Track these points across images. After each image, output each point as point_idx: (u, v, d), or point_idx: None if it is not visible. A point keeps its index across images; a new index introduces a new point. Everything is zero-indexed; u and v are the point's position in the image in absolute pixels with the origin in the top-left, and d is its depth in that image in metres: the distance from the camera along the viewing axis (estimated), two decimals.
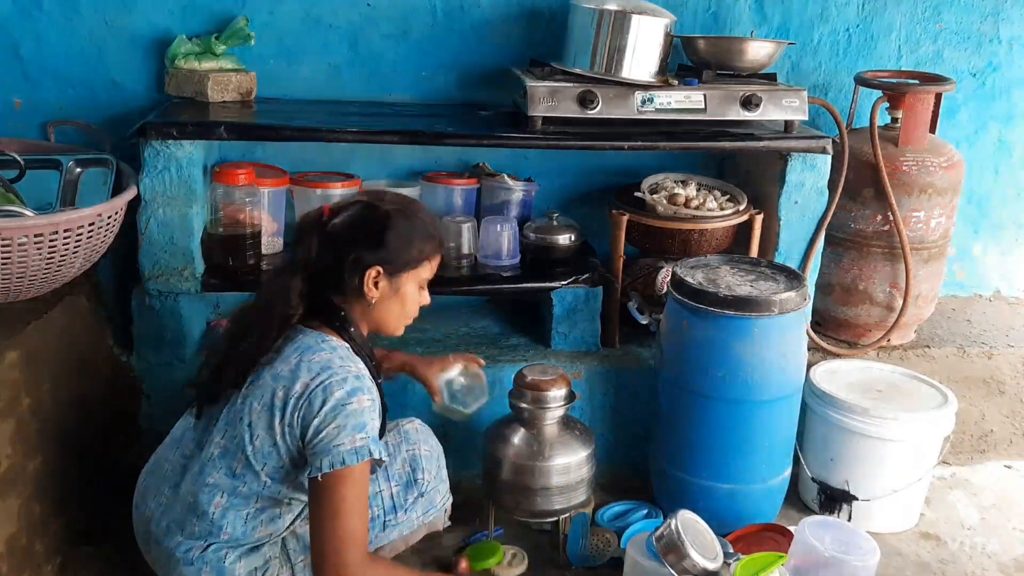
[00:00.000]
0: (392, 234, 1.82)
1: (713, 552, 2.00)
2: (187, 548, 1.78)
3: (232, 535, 1.78)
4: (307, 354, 1.76)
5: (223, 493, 1.78)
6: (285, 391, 1.73)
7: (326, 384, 1.72)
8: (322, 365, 1.74)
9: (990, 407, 2.91)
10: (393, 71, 2.86)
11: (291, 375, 1.74)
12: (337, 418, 1.70)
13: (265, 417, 1.75)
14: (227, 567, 1.78)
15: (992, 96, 3.17)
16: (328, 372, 1.73)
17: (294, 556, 1.87)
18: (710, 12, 2.92)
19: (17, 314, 2.13)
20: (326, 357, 1.76)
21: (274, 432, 1.74)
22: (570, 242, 2.75)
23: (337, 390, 1.72)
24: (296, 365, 1.75)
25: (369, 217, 1.83)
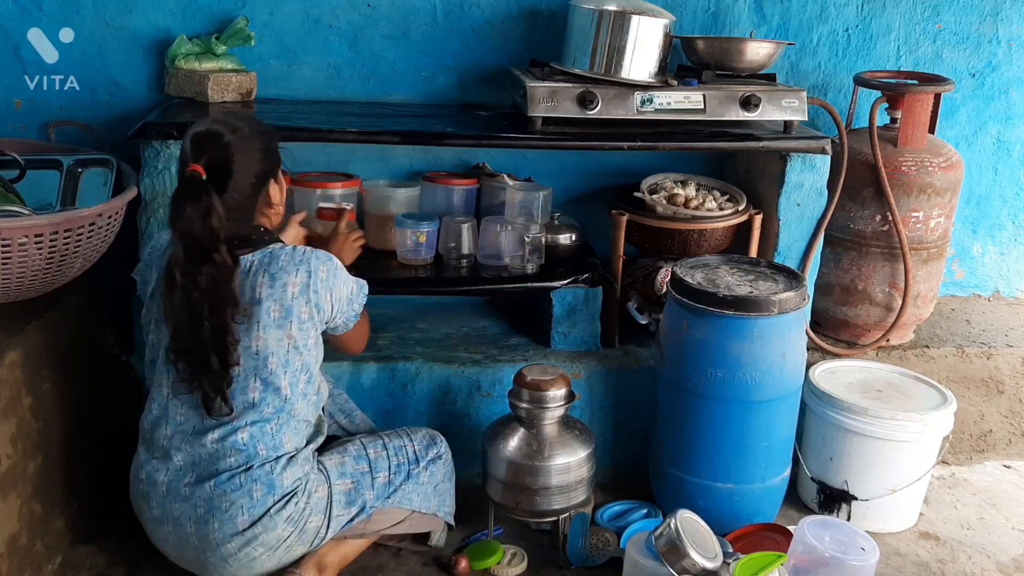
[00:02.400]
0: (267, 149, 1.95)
1: (712, 552, 2.00)
2: (228, 477, 1.87)
3: (267, 449, 1.90)
4: (270, 267, 1.91)
5: (248, 424, 1.89)
6: (280, 302, 1.90)
7: (313, 269, 1.93)
8: (292, 261, 1.92)
9: (989, 407, 2.92)
10: (393, 71, 2.86)
11: (276, 286, 1.89)
12: (337, 281, 1.98)
13: (274, 334, 1.90)
14: (275, 478, 1.89)
15: (991, 96, 3.17)
16: (302, 262, 1.93)
17: (333, 477, 2.00)
18: (709, 12, 2.92)
19: (17, 314, 2.14)
20: (286, 257, 1.93)
21: (287, 339, 1.91)
22: (570, 242, 2.75)
23: (323, 266, 1.95)
24: (270, 280, 1.89)
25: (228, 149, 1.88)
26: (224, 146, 1.87)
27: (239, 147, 1.88)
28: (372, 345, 2.66)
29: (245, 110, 2.05)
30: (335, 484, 2.01)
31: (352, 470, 2.05)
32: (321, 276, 1.94)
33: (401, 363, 2.57)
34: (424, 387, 2.57)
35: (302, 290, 1.91)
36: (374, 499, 2.06)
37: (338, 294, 1.98)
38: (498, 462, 2.28)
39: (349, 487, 2.03)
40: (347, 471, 2.04)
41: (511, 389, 2.31)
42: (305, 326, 1.93)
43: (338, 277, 1.99)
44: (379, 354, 2.60)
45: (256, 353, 1.89)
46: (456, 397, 2.59)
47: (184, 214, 1.79)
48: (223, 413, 1.88)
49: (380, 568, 2.24)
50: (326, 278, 1.95)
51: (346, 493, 2.02)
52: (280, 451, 1.92)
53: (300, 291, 1.91)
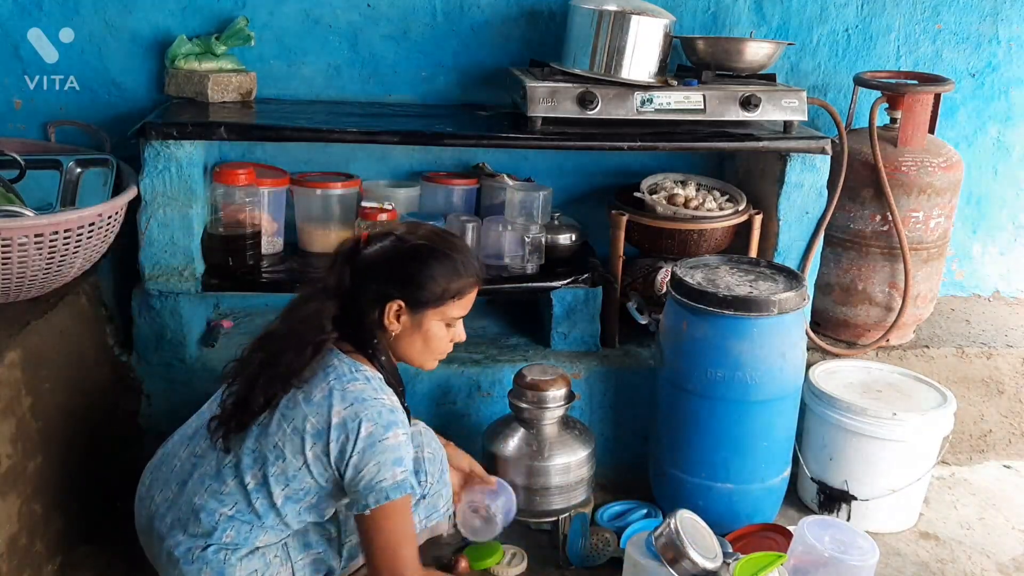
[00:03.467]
0: (416, 268, 1.83)
1: (712, 552, 2.00)
2: (188, 547, 1.79)
3: (234, 540, 1.79)
4: (341, 382, 1.78)
5: (232, 504, 1.79)
6: (318, 418, 1.75)
7: (362, 418, 1.74)
8: (356, 396, 1.76)
9: (989, 407, 2.92)
10: (393, 71, 2.86)
11: (325, 402, 1.76)
12: (376, 455, 1.74)
13: (295, 442, 1.76)
14: (226, 569, 1.78)
15: (991, 96, 3.17)
16: (363, 404, 1.76)
17: (294, 555, 1.87)
18: (709, 12, 2.92)
19: (17, 314, 2.14)
20: (360, 388, 1.78)
21: (305, 457, 1.76)
22: (570, 242, 2.75)
23: (372, 424, 1.75)
24: (329, 392, 1.76)
25: (398, 250, 1.85)
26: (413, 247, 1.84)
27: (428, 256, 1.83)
28: None
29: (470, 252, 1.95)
30: (296, 561, 1.86)
31: (317, 539, 1.89)
32: (362, 431, 1.73)
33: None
34: (424, 387, 2.57)
35: (338, 424, 1.74)
36: (343, 562, 1.93)
37: (360, 463, 1.73)
38: (498, 462, 2.28)
39: (314, 558, 1.89)
40: (311, 541, 1.88)
41: (511, 389, 2.31)
42: (322, 462, 1.76)
43: (374, 452, 1.73)
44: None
45: (275, 446, 1.77)
46: (456, 397, 2.59)
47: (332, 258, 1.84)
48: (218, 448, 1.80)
49: None
50: (364, 438, 1.73)
51: (310, 565, 1.88)
52: (246, 547, 1.79)
53: (337, 424, 1.74)
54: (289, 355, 1.77)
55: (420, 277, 1.83)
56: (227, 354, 2.53)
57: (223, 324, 2.73)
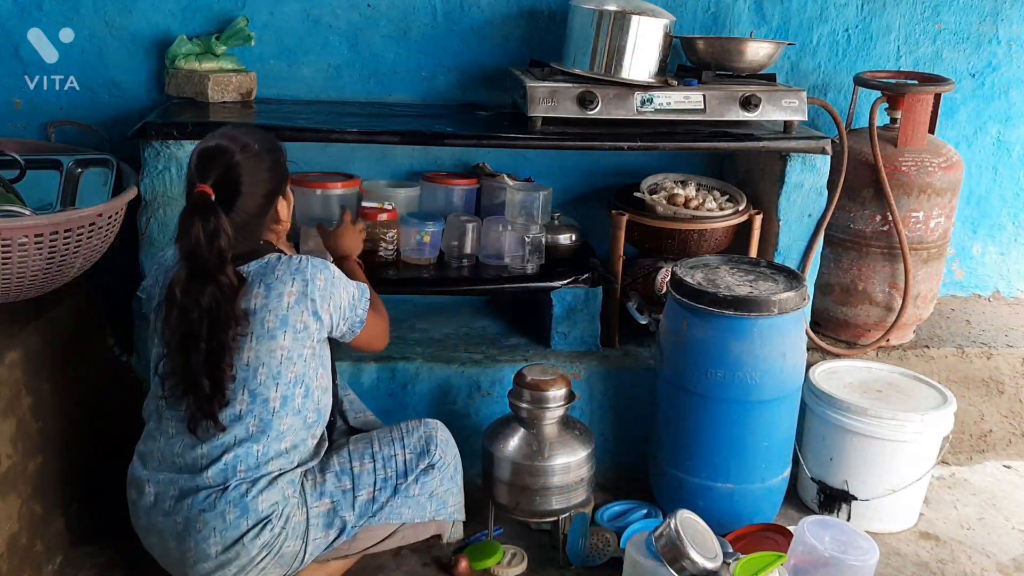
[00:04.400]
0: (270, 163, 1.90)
1: (712, 552, 2.00)
2: (204, 496, 1.83)
3: (247, 471, 1.83)
4: (266, 277, 1.86)
5: (232, 439, 1.84)
6: (276, 312, 1.84)
7: (310, 278, 1.88)
8: (290, 270, 1.87)
9: (989, 407, 2.92)
10: (393, 71, 2.86)
11: (272, 296, 1.84)
12: (336, 289, 1.93)
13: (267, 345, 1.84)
14: (249, 502, 1.83)
15: (991, 96, 3.17)
16: (300, 271, 1.88)
17: (310, 501, 1.92)
18: (710, 12, 2.92)
19: (17, 314, 2.14)
20: (283, 267, 1.88)
21: (280, 350, 1.85)
22: (571, 242, 2.75)
23: (319, 274, 1.90)
24: (266, 290, 1.85)
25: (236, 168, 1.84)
26: (233, 166, 1.82)
27: (248, 166, 1.84)
28: None
29: (253, 125, 1.97)
30: (312, 507, 1.92)
31: (332, 488, 1.95)
32: (319, 285, 1.88)
33: (401, 363, 2.57)
34: (424, 387, 2.57)
35: (298, 299, 1.86)
36: (355, 519, 1.97)
37: (337, 302, 1.92)
38: (498, 462, 2.28)
39: (327, 508, 1.94)
40: (327, 490, 1.94)
41: (511, 389, 2.31)
42: (300, 335, 1.87)
43: (336, 285, 1.93)
44: (379, 354, 2.60)
45: (247, 365, 1.84)
46: (456, 397, 2.59)
47: (191, 234, 1.75)
48: (210, 435, 1.84)
49: (380, 568, 2.24)
50: (324, 286, 1.89)
51: (324, 515, 1.93)
52: (260, 472, 1.85)
53: (296, 300, 1.85)
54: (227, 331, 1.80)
55: (275, 167, 1.91)
56: None
57: None
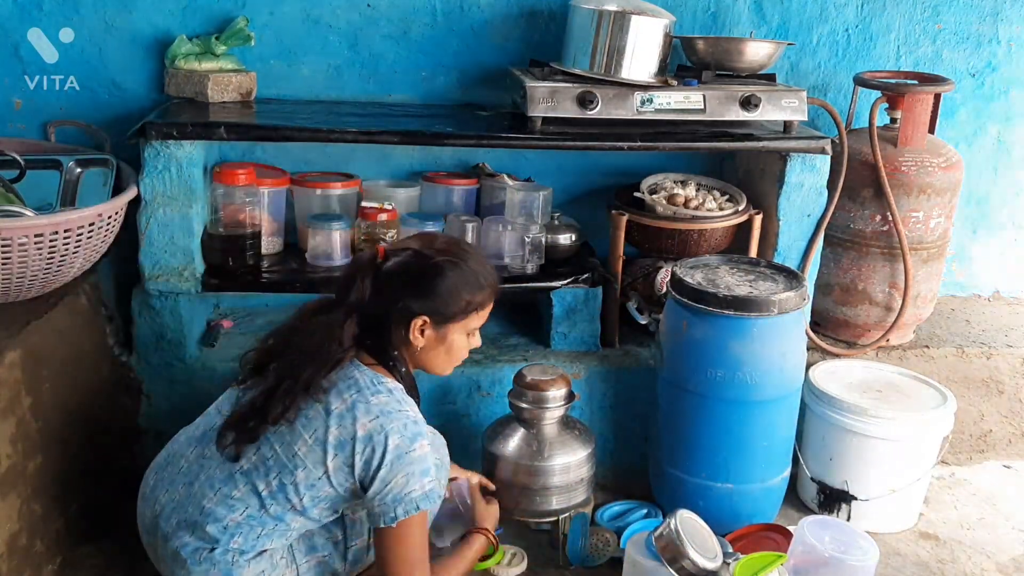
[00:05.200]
0: (441, 285, 1.84)
1: (712, 552, 2.01)
2: (195, 548, 1.78)
3: (242, 545, 1.78)
4: (364, 394, 1.78)
5: (243, 510, 1.78)
6: (341, 430, 1.76)
7: (388, 431, 1.75)
8: (380, 408, 1.77)
9: (989, 407, 2.92)
10: (393, 71, 2.86)
11: (349, 415, 1.76)
12: (404, 467, 1.75)
13: (317, 452, 1.76)
14: (235, 571, 1.77)
15: (991, 96, 3.17)
16: (388, 416, 1.77)
17: (299, 557, 1.86)
18: (709, 12, 2.92)
19: (17, 314, 2.13)
20: (384, 400, 1.79)
21: (326, 467, 1.76)
22: (570, 242, 2.75)
23: (399, 437, 1.76)
24: (352, 405, 1.77)
25: (419, 266, 1.84)
26: (422, 256, 1.84)
27: (431, 268, 1.83)
28: None
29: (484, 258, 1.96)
30: (301, 563, 1.85)
31: (322, 542, 1.88)
32: (390, 443, 1.74)
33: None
34: (424, 387, 2.54)
35: (364, 437, 1.74)
36: (348, 567, 1.91)
37: (388, 477, 1.74)
38: (498, 462, 2.28)
39: (318, 561, 1.88)
40: (316, 544, 1.87)
41: (511, 389, 2.31)
42: (343, 472, 1.76)
43: (401, 464, 1.74)
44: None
45: (294, 455, 1.76)
46: (456, 397, 2.59)
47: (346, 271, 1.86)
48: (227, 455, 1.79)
49: None
50: (392, 450, 1.74)
51: (315, 568, 1.87)
52: (253, 551, 1.78)
53: (363, 436, 1.74)
54: (310, 370, 1.77)
55: (444, 294, 1.84)
56: (227, 354, 2.56)
57: (223, 324, 2.73)
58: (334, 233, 2.58)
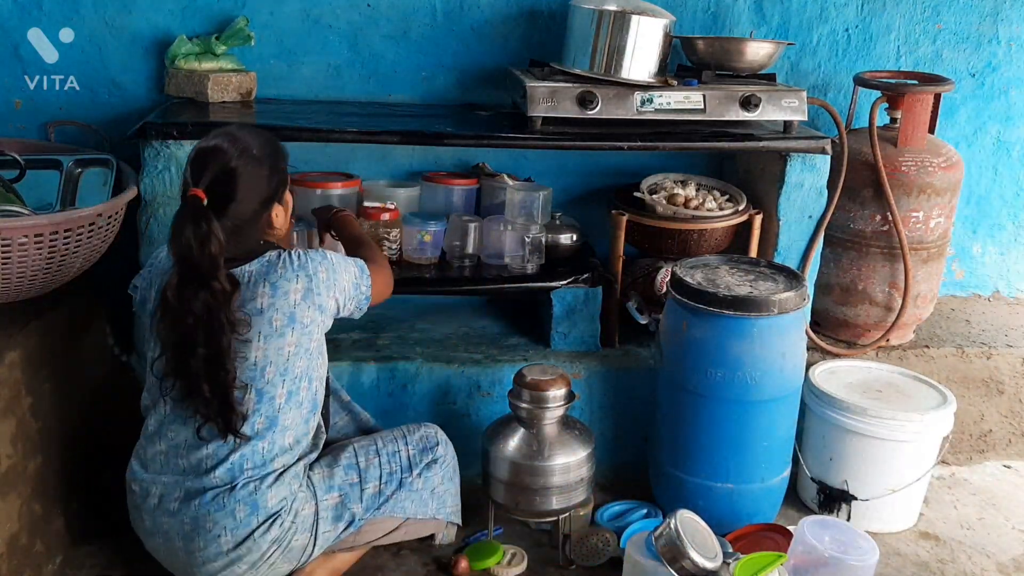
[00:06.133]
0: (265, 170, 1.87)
1: (712, 552, 2.00)
2: (214, 495, 1.83)
3: (253, 469, 1.84)
4: (269, 276, 1.86)
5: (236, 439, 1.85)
6: (282, 311, 1.85)
7: (313, 274, 1.89)
8: (293, 268, 1.88)
9: (989, 407, 2.92)
10: (393, 71, 2.86)
11: (277, 296, 1.85)
12: (339, 272, 1.94)
13: (276, 343, 1.85)
14: (259, 498, 1.84)
15: (991, 96, 3.17)
16: (302, 268, 1.88)
17: (320, 493, 1.94)
18: (709, 12, 2.92)
19: (17, 314, 2.14)
20: (285, 265, 1.88)
21: (288, 346, 1.86)
22: (570, 242, 2.75)
23: (320, 267, 1.91)
24: (271, 289, 1.85)
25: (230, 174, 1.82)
26: (228, 170, 1.79)
27: (244, 171, 1.81)
28: (372, 345, 2.66)
29: (255, 126, 1.95)
30: (322, 500, 1.95)
31: (340, 482, 1.98)
32: (321, 278, 1.90)
33: (401, 363, 2.57)
34: (424, 387, 2.57)
35: (304, 295, 1.87)
36: (363, 511, 2.00)
37: (342, 286, 1.94)
38: (498, 462, 2.28)
39: (336, 501, 1.97)
40: (335, 483, 1.97)
41: (511, 389, 2.31)
42: (308, 330, 1.89)
43: (337, 271, 1.94)
44: (379, 354, 2.60)
45: (254, 364, 1.84)
46: (456, 397, 2.59)
47: (183, 238, 1.73)
48: (217, 437, 1.84)
49: (380, 568, 2.24)
50: (327, 278, 1.91)
51: (333, 508, 1.96)
52: (267, 469, 1.86)
53: (303, 296, 1.87)
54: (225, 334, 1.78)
55: (271, 173, 1.88)
56: None
57: None
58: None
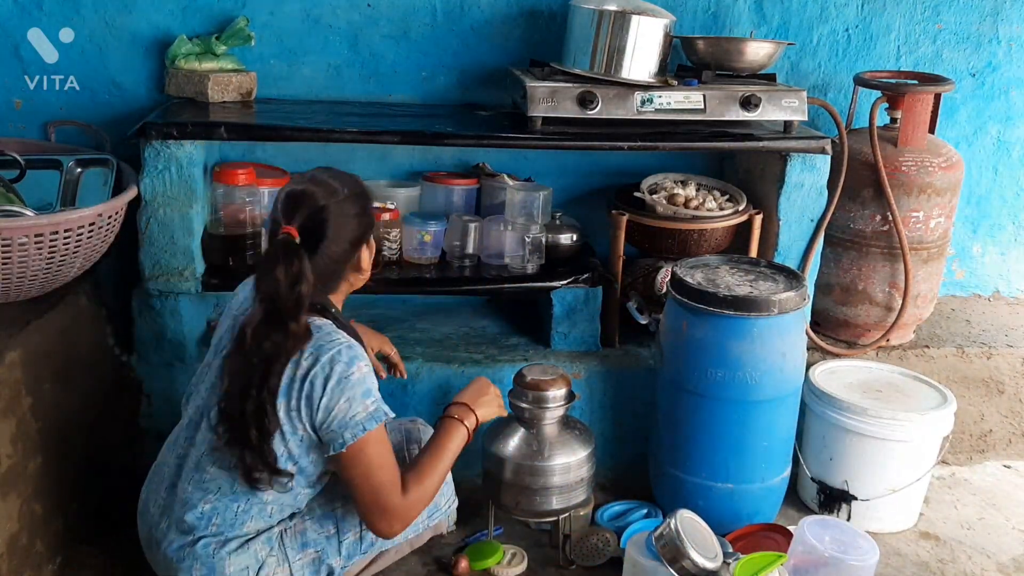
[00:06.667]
0: (353, 212, 1.83)
1: (713, 552, 2.01)
2: (179, 545, 1.79)
3: (219, 528, 1.78)
4: (315, 342, 1.77)
5: (216, 490, 1.79)
6: (287, 377, 1.75)
7: (323, 361, 1.75)
8: (314, 345, 1.76)
9: (989, 407, 2.92)
10: (393, 71, 2.86)
11: (292, 363, 1.75)
12: (344, 391, 1.74)
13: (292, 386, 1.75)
14: (216, 563, 1.77)
15: (991, 96, 3.17)
16: (320, 349, 1.76)
17: (291, 555, 1.85)
18: (710, 12, 2.92)
19: (17, 314, 2.14)
20: (314, 338, 1.77)
21: (280, 420, 1.75)
22: (571, 242, 2.75)
23: (336, 364, 1.75)
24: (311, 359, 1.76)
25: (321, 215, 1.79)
26: (320, 209, 1.77)
27: (335, 211, 1.78)
28: None
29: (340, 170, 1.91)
30: (295, 561, 1.84)
31: (315, 536, 1.87)
32: (330, 371, 1.74)
33: None
34: (424, 387, 2.57)
35: (302, 375, 1.75)
36: (344, 561, 1.91)
37: (331, 404, 1.74)
38: (498, 462, 2.28)
39: (312, 558, 1.87)
40: (309, 539, 1.86)
41: (511, 389, 2.31)
42: (293, 418, 1.76)
43: (345, 388, 1.75)
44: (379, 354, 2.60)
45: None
46: None
47: (272, 277, 1.69)
48: (266, 484, 1.77)
49: None
50: (333, 377, 1.74)
51: (309, 565, 1.86)
52: (234, 532, 1.78)
53: (301, 375, 1.75)
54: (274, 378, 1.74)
55: (361, 215, 1.85)
56: None
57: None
58: None
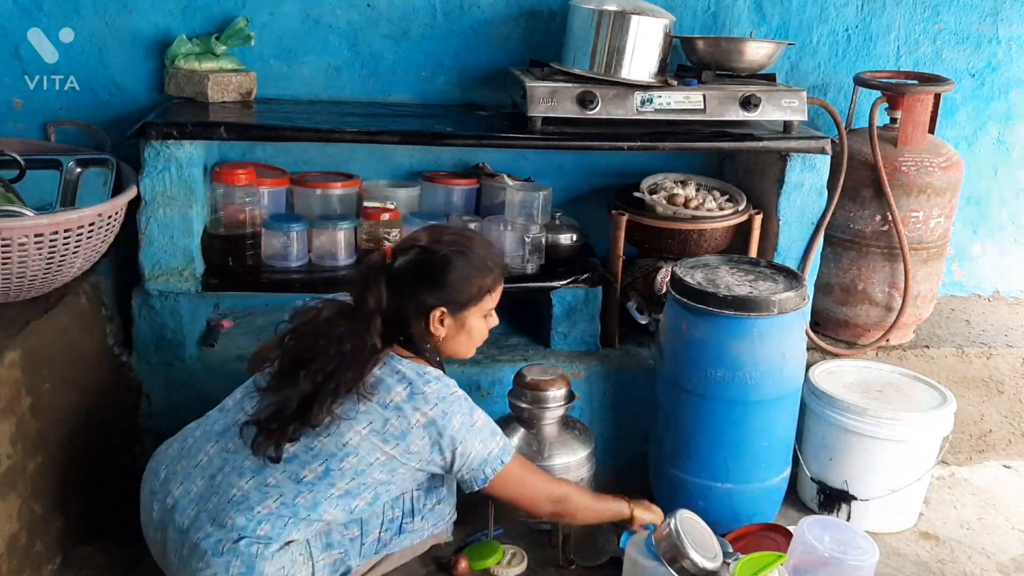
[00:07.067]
0: (451, 276, 1.92)
1: (712, 552, 2.01)
2: (218, 539, 1.79)
3: (268, 534, 1.80)
4: (416, 385, 1.87)
5: (278, 497, 1.80)
6: (401, 421, 1.84)
7: (450, 413, 1.86)
8: (437, 396, 1.87)
9: (989, 407, 2.92)
10: (393, 71, 2.86)
11: (407, 405, 1.84)
12: (475, 436, 1.89)
13: (373, 441, 1.83)
14: (257, 563, 1.78)
15: (991, 96, 3.17)
16: (445, 401, 1.87)
17: (316, 554, 1.87)
18: (709, 12, 2.92)
19: (17, 314, 2.14)
20: (436, 388, 1.88)
21: (381, 455, 1.84)
22: (570, 242, 2.75)
23: (461, 415, 1.88)
24: (409, 396, 1.85)
25: (428, 261, 1.92)
26: (427, 250, 1.92)
27: (439, 260, 1.91)
28: None
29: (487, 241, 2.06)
30: (318, 561, 1.87)
31: (339, 538, 1.90)
32: (454, 424, 1.86)
33: None
34: None
35: (427, 424, 1.84)
36: (359, 560, 1.95)
37: (466, 450, 1.87)
38: None
39: (335, 558, 1.90)
40: (334, 541, 1.90)
41: (511, 389, 2.31)
42: (406, 457, 1.85)
43: (472, 435, 1.88)
44: None
45: (344, 444, 1.82)
46: None
47: (355, 279, 1.91)
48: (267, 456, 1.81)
49: None
50: (459, 429, 1.86)
51: (331, 565, 1.90)
52: (278, 540, 1.80)
53: (425, 424, 1.84)
54: (350, 373, 1.82)
55: (456, 283, 1.93)
56: (227, 354, 2.56)
57: (223, 324, 2.73)
58: (339, 233, 2.58)
